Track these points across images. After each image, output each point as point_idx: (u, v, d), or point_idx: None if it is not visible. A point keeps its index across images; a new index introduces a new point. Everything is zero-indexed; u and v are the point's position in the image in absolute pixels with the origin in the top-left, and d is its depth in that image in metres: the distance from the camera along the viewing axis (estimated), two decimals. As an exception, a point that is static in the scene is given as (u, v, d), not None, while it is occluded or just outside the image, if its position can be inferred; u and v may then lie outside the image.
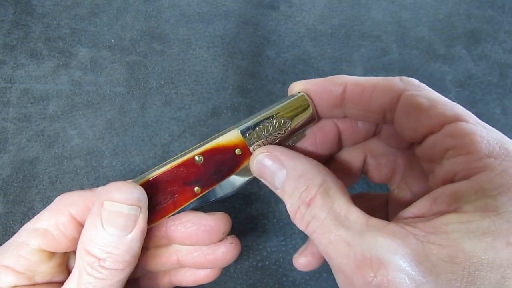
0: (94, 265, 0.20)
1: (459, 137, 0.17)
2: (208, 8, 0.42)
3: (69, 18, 0.41)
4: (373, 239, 0.16)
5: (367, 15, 0.42)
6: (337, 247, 0.17)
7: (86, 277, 0.20)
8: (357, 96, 0.20)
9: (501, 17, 0.42)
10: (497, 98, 0.38)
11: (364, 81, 0.20)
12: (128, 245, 0.20)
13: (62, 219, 0.22)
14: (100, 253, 0.20)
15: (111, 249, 0.20)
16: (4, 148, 0.35)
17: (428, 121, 0.18)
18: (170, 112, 0.37)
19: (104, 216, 0.20)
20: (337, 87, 0.21)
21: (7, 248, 0.22)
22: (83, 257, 0.20)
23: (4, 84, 0.38)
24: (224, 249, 0.24)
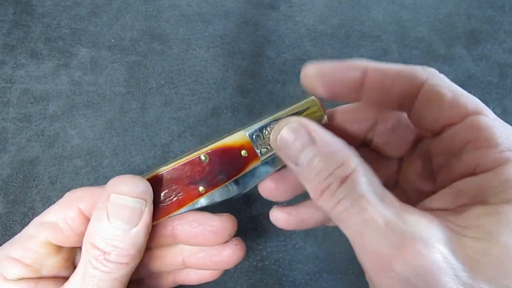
0: (99, 258, 0.20)
1: (481, 130, 0.17)
2: (208, 8, 0.42)
3: (69, 18, 0.41)
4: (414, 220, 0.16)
5: (367, 15, 0.42)
6: (375, 226, 0.16)
7: (92, 270, 0.20)
8: (378, 81, 0.20)
9: (501, 17, 0.42)
10: (497, 98, 0.38)
11: (386, 67, 0.20)
12: (133, 238, 0.20)
13: (71, 214, 0.22)
14: (105, 246, 0.20)
15: (116, 242, 0.20)
16: (4, 148, 0.35)
17: (450, 112, 0.18)
18: (170, 112, 0.37)
19: (110, 209, 0.20)
20: (358, 70, 0.20)
21: (15, 241, 0.22)
22: (89, 250, 0.20)
23: (4, 84, 0.38)
24: (230, 251, 0.24)
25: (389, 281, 0.15)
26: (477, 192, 0.16)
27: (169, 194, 0.22)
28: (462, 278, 0.14)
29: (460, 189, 0.17)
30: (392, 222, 0.16)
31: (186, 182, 0.22)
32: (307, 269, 0.32)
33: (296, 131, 0.19)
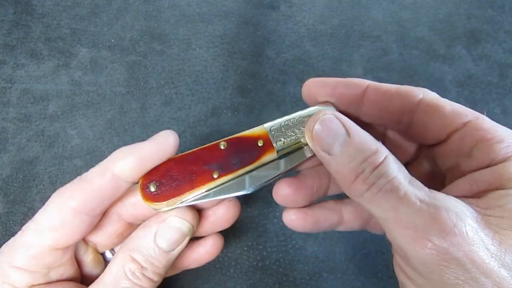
0: (135, 272, 0.21)
1: (485, 130, 0.19)
2: (208, 8, 0.42)
3: (69, 18, 0.41)
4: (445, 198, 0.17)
5: (367, 15, 0.42)
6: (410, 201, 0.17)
7: (125, 281, 0.21)
8: (378, 97, 0.21)
9: (501, 17, 0.42)
10: (497, 98, 0.38)
11: (385, 86, 0.22)
12: (168, 260, 0.22)
13: (66, 216, 0.22)
14: (144, 262, 0.22)
15: (154, 260, 0.22)
16: (4, 148, 0.35)
17: (453, 119, 0.20)
18: (170, 112, 0.37)
19: (161, 229, 0.22)
20: (358, 87, 0.22)
21: (16, 248, 0.22)
22: (126, 262, 0.22)
23: (4, 84, 0.38)
24: (224, 208, 0.25)
25: (426, 250, 0.16)
26: (493, 180, 0.18)
27: (184, 174, 0.23)
28: (492, 250, 0.16)
29: (475, 179, 0.19)
30: (425, 199, 0.17)
31: (202, 164, 0.23)
32: (307, 269, 0.32)
33: (331, 121, 0.20)
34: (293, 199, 0.24)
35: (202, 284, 0.31)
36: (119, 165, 0.21)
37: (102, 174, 0.22)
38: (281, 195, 0.24)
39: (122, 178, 0.22)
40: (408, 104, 0.21)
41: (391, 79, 0.39)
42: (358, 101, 0.22)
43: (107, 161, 0.22)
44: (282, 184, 0.24)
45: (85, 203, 0.22)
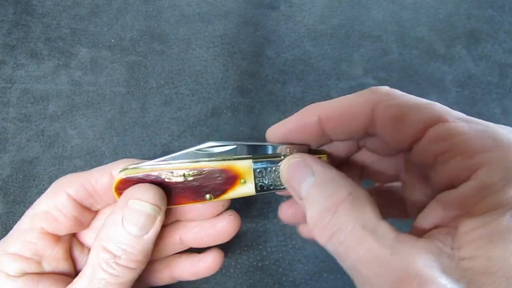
0: (109, 261, 0.21)
1: (446, 140, 0.16)
2: (208, 8, 0.42)
3: (69, 18, 0.41)
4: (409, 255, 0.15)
5: (367, 15, 0.42)
6: (369, 263, 0.15)
7: (101, 273, 0.21)
8: (334, 121, 0.20)
9: (501, 17, 0.42)
10: (497, 98, 0.38)
11: (337, 104, 0.20)
12: (143, 244, 0.21)
13: (60, 200, 0.22)
14: (116, 250, 0.21)
15: (127, 247, 0.21)
16: (4, 148, 0.35)
17: (409, 129, 0.17)
18: (170, 112, 0.37)
19: (126, 214, 0.21)
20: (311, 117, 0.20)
21: (10, 236, 0.22)
22: (99, 253, 0.21)
23: (4, 84, 0.38)
24: (224, 222, 0.25)
25: None
26: (461, 204, 0.15)
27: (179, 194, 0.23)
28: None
29: (445, 201, 0.16)
30: (386, 260, 0.15)
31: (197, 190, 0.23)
32: (307, 269, 0.32)
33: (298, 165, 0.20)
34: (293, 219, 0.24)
35: (202, 284, 0.31)
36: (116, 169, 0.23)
37: (102, 171, 0.23)
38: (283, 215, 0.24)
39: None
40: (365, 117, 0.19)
41: (391, 79, 0.39)
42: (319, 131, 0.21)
43: (110, 164, 0.23)
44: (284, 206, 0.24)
45: (80, 192, 0.22)
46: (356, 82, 0.38)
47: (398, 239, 0.15)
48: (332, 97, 0.38)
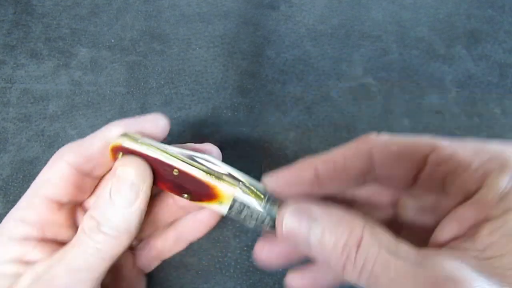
0: (92, 227, 0.21)
1: (448, 161, 0.17)
2: (208, 8, 0.42)
3: (69, 18, 0.41)
4: (436, 263, 0.16)
5: (367, 15, 0.42)
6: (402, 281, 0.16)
7: (83, 237, 0.21)
8: (330, 172, 0.20)
9: (501, 17, 0.42)
10: (497, 98, 0.38)
11: (331, 155, 0.21)
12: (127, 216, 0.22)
13: (60, 167, 0.23)
14: (100, 217, 0.21)
15: (111, 216, 0.22)
16: (4, 148, 0.35)
17: (410, 164, 0.19)
18: (170, 112, 0.37)
19: (113, 184, 0.22)
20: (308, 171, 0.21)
21: (16, 205, 0.24)
22: (85, 220, 0.22)
23: (4, 84, 0.38)
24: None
25: None
26: (478, 211, 0.16)
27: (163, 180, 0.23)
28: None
29: (460, 214, 0.17)
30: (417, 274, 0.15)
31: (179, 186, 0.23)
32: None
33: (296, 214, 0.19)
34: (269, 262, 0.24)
35: (202, 284, 0.31)
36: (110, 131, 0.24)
37: (96, 136, 0.24)
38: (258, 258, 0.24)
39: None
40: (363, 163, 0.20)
41: (391, 79, 0.39)
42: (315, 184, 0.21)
43: (104, 128, 0.24)
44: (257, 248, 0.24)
45: (78, 159, 0.23)
46: (356, 82, 0.38)
47: (420, 253, 0.16)
48: (332, 97, 0.38)
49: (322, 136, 0.36)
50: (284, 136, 0.36)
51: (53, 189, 0.23)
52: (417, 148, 0.19)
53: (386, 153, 0.19)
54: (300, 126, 0.36)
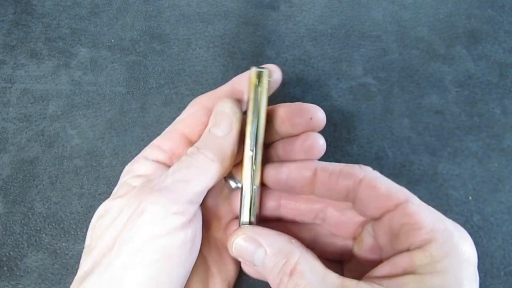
0: (194, 151, 0.25)
1: (411, 215, 0.22)
2: (208, 8, 0.42)
3: (69, 18, 0.41)
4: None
5: (367, 15, 0.42)
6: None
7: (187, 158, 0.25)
8: (325, 179, 0.25)
9: (501, 17, 0.42)
10: (497, 98, 0.38)
11: (331, 166, 0.25)
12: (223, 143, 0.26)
13: (195, 108, 0.28)
14: (200, 144, 0.26)
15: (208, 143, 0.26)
16: (4, 148, 0.35)
17: (386, 202, 0.23)
18: (170, 112, 0.37)
19: (212, 119, 0.26)
20: (308, 170, 0.25)
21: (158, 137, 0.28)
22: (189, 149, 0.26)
23: (4, 84, 0.38)
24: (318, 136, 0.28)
25: None
26: (409, 265, 0.21)
27: None
28: None
29: (396, 262, 0.21)
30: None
31: None
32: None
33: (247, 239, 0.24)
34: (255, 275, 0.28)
35: (202, 284, 0.31)
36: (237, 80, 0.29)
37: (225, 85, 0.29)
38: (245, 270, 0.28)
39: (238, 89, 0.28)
40: (351, 184, 0.24)
41: (391, 79, 0.39)
42: (311, 182, 0.25)
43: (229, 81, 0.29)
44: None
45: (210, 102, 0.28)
46: (356, 82, 0.38)
47: (342, 284, 0.21)
48: (332, 97, 0.38)
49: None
50: (284, 136, 0.36)
51: (186, 126, 0.28)
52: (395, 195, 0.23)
53: (372, 188, 0.23)
54: (300, 126, 0.36)
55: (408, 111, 0.37)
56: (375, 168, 0.25)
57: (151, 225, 0.22)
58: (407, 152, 0.35)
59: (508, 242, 0.32)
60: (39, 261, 0.31)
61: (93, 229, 0.25)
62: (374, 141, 0.36)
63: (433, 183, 0.34)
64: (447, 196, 0.34)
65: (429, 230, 0.21)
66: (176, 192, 0.23)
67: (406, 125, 0.36)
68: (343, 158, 0.35)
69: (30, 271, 0.31)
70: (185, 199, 0.23)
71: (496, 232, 0.33)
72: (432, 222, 0.21)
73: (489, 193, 0.34)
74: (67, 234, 0.32)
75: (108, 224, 0.24)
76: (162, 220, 0.22)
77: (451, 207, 0.34)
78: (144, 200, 0.23)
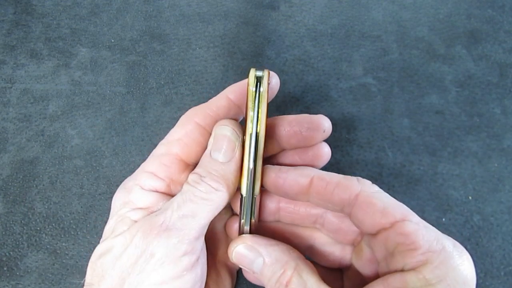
0: (197, 179, 0.24)
1: (407, 235, 0.21)
2: (208, 8, 0.42)
3: (69, 18, 0.41)
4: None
5: (367, 15, 0.42)
6: None
7: (190, 188, 0.24)
8: (321, 189, 0.24)
9: (501, 17, 0.42)
10: (497, 98, 0.38)
11: (328, 176, 0.24)
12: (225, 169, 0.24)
13: (190, 127, 0.26)
14: (203, 172, 0.24)
15: (211, 169, 0.24)
16: (4, 148, 0.35)
17: (382, 219, 0.22)
18: (170, 112, 0.37)
19: (212, 143, 0.25)
20: (305, 178, 0.24)
21: (148, 159, 0.26)
22: (190, 176, 0.24)
23: (4, 84, 0.38)
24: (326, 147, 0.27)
25: None
26: (402, 286, 0.20)
27: None
28: None
29: (389, 282, 0.21)
30: None
31: None
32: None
33: (247, 248, 0.24)
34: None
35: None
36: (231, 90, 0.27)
37: (219, 97, 0.27)
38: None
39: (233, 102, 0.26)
40: (347, 197, 0.23)
41: (391, 79, 0.39)
42: (306, 190, 0.24)
43: (225, 90, 0.27)
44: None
45: (206, 119, 0.26)
46: (356, 82, 0.38)
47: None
48: (332, 97, 0.38)
49: (322, 136, 0.36)
50: (284, 136, 0.36)
51: (185, 149, 0.25)
52: (391, 212, 0.22)
53: (368, 205, 0.23)
54: (300, 126, 0.36)
55: (408, 111, 0.37)
56: (375, 168, 0.25)
57: (161, 270, 0.22)
58: (407, 152, 0.35)
59: (508, 242, 0.32)
60: (39, 261, 0.31)
61: (93, 267, 0.24)
62: (374, 141, 0.36)
63: (433, 183, 0.34)
64: (447, 196, 0.34)
65: (424, 250, 0.20)
66: (183, 229, 0.22)
67: (406, 125, 0.36)
68: (343, 158, 0.35)
69: (30, 271, 0.31)
70: (192, 236, 0.23)
71: (496, 232, 0.33)
72: (428, 243, 0.21)
73: (489, 193, 0.34)
74: (67, 234, 0.32)
75: (112, 264, 0.23)
76: (173, 264, 0.22)
77: (451, 207, 0.34)
78: (152, 243, 0.22)
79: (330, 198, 0.24)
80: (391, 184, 0.34)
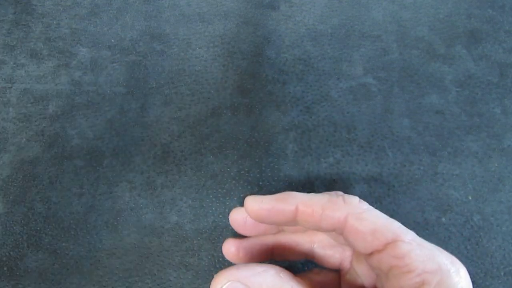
0: None
1: (400, 258, 0.20)
2: (208, 8, 0.42)
3: (69, 18, 0.41)
4: None
5: (367, 15, 0.42)
6: None
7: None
8: (308, 216, 0.23)
9: (501, 17, 0.42)
10: (497, 98, 0.38)
11: (312, 201, 0.23)
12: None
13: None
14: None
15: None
16: (4, 148, 0.35)
17: (373, 242, 0.22)
18: (170, 112, 0.37)
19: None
20: (289, 206, 0.24)
21: None
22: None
23: (4, 84, 0.38)
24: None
25: None
26: None
27: None
28: None
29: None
30: None
31: None
32: (307, 269, 0.31)
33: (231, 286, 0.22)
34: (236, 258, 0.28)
35: (202, 284, 0.31)
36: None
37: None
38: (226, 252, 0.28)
39: None
40: (335, 221, 0.23)
41: (391, 79, 0.39)
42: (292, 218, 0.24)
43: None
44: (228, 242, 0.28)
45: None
46: (356, 82, 0.38)
47: None
48: (332, 97, 0.38)
49: (322, 136, 0.36)
50: (284, 136, 0.36)
51: None
52: (382, 233, 0.21)
53: (359, 226, 0.22)
54: (300, 126, 0.36)
55: (408, 111, 0.37)
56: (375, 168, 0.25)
57: None
58: (407, 152, 0.35)
59: (508, 242, 0.32)
60: (39, 261, 0.31)
61: None
62: (374, 141, 0.36)
63: (433, 183, 0.34)
64: (447, 196, 0.34)
65: (420, 272, 0.20)
66: None
67: (406, 125, 0.36)
68: (343, 158, 0.35)
69: (30, 271, 0.31)
70: None
71: (496, 232, 0.33)
72: (423, 263, 0.20)
73: (489, 193, 0.34)
74: (67, 234, 0.32)
75: None
76: None
77: (451, 207, 0.34)
78: None
79: (319, 224, 0.23)
80: (391, 184, 0.34)
